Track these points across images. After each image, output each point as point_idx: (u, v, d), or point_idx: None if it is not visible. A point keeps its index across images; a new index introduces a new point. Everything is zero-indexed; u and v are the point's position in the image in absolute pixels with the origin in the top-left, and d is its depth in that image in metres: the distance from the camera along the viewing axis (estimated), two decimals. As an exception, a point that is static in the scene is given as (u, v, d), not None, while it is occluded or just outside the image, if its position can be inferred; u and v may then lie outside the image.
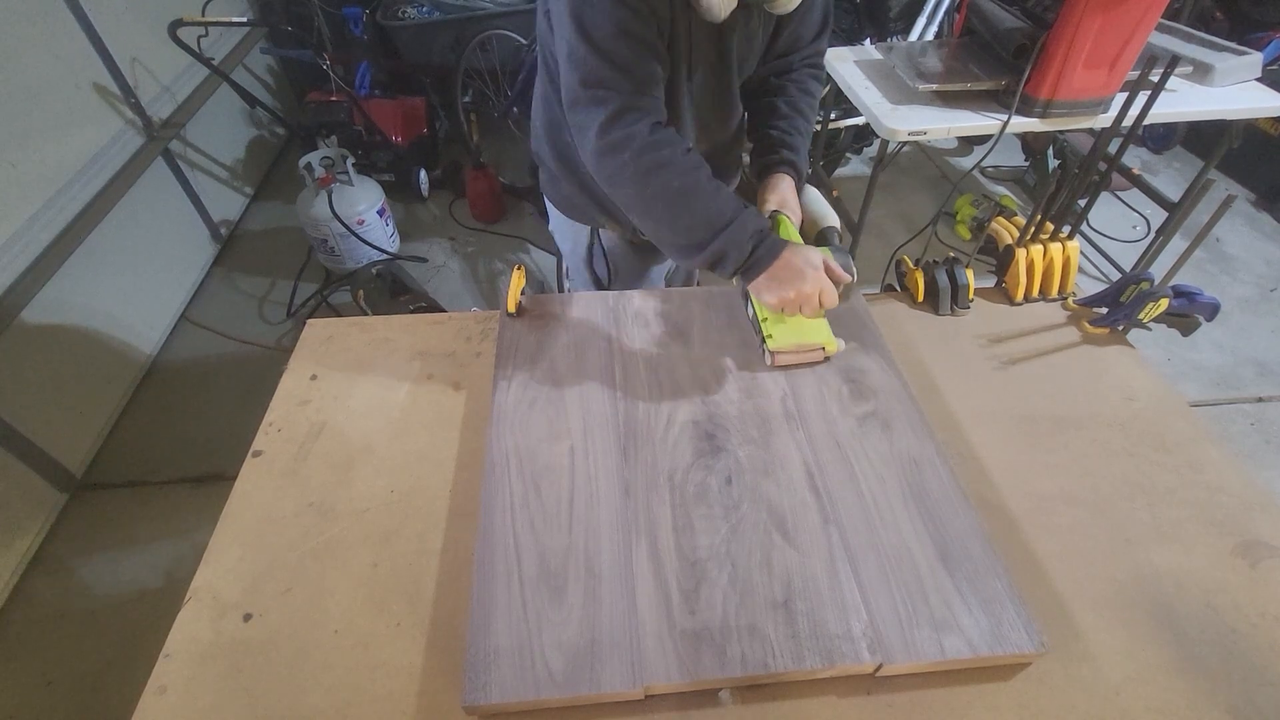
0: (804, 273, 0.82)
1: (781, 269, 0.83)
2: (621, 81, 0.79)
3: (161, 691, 0.62)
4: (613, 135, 0.80)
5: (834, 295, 0.83)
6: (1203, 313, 0.95)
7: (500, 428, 0.81)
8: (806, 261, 0.83)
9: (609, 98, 0.79)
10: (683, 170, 0.81)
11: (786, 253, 0.83)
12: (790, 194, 0.98)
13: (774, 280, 0.83)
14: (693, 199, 0.81)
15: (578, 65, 0.79)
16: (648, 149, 0.79)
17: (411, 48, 2.87)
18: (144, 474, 1.81)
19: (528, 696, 0.58)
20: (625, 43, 0.77)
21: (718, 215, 0.82)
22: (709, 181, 0.83)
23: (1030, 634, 0.62)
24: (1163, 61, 0.88)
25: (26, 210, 1.65)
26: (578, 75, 0.79)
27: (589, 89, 0.79)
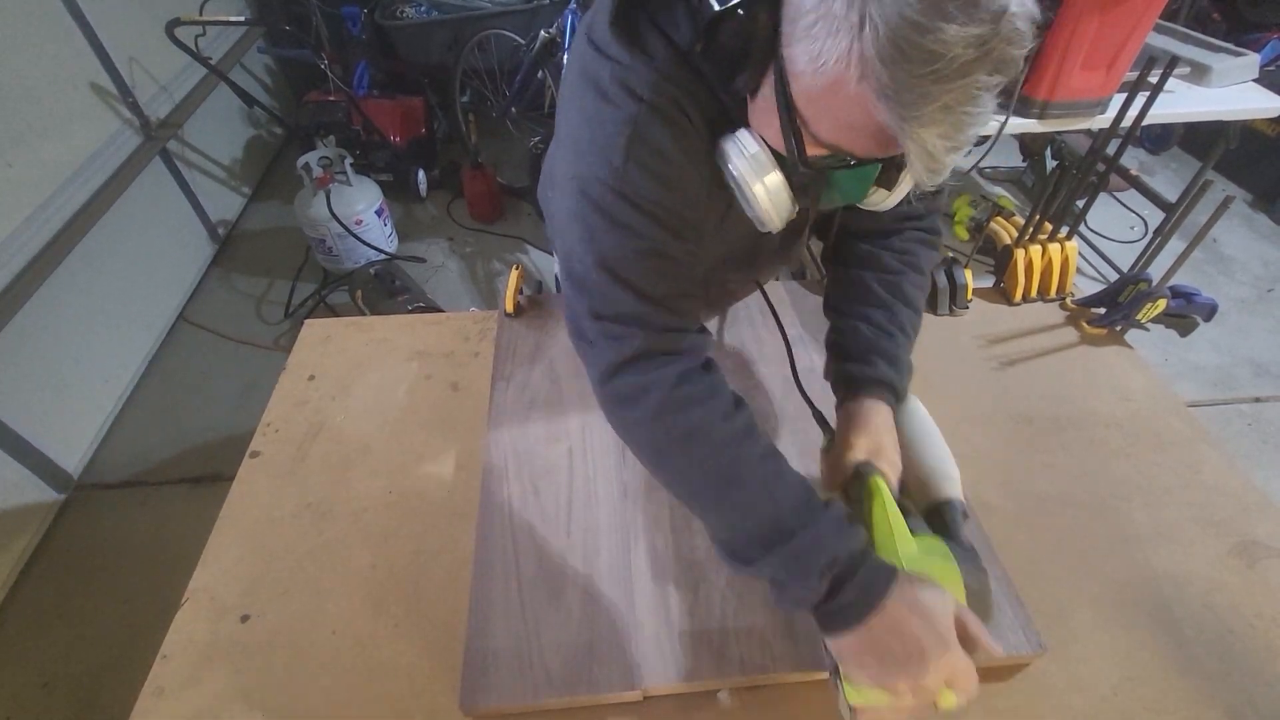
0: (925, 649, 0.49)
1: (884, 633, 0.51)
2: (648, 316, 0.58)
3: (159, 693, 0.62)
4: (624, 382, 0.58)
5: (973, 680, 0.50)
6: (1200, 313, 0.95)
7: (498, 428, 0.81)
8: (928, 625, 0.50)
9: (628, 336, 0.57)
10: (721, 443, 0.56)
11: (894, 603, 0.51)
12: (888, 433, 0.66)
13: (869, 650, 0.51)
14: (734, 490, 0.56)
15: (588, 293, 0.58)
16: (671, 409, 0.56)
17: (410, 47, 2.87)
18: (141, 474, 1.80)
19: (525, 699, 0.58)
20: (653, 266, 0.57)
21: (773, 519, 0.54)
22: (762, 463, 0.56)
23: (1028, 635, 0.62)
24: (1160, 62, 0.88)
25: (23, 210, 1.65)
26: (586, 303, 0.59)
27: (602, 322, 0.58)
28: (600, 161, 0.55)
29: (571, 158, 0.58)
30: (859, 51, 0.40)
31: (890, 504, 0.59)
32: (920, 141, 0.42)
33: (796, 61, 0.45)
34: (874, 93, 0.41)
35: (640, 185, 0.55)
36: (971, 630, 0.51)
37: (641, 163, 0.54)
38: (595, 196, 0.56)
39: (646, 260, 0.57)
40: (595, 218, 0.56)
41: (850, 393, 0.68)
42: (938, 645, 0.49)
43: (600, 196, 0.55)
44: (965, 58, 0.38)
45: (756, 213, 0.57)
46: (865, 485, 0.61)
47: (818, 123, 0.47)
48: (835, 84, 0.43)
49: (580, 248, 0.58)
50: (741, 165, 0.55)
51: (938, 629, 0.50)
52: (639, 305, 0.57)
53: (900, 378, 0.69)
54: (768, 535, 0.53)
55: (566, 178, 0.58)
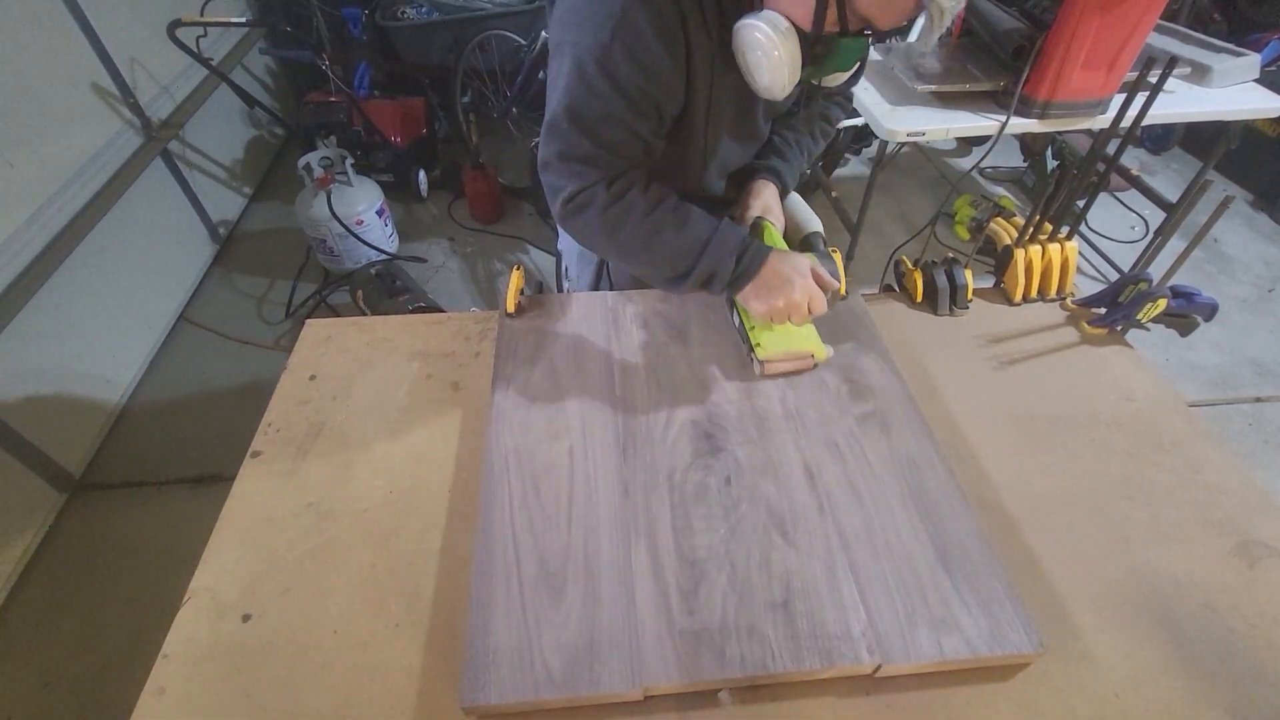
0: (792, 280, 0.81)
1: (769, 277, 0.82)
2: (600, 157, 0.77)
3: (160, 692, 0.62)
4: (576, 201, 0.79)
5: (823, 302, 0.83)
6: (1201, 313, 0.95)
7: (499, 428, 0.81)
8: (794, 269, 0.82)
9: (582, 171, 0.77)
10: (647, 210, 0.79)
11: (773, 260, 0.82)
12: (774, 200, 0.97)
13: (761, 289, 0.82)
14: (664, 233, 0.80)
15: (558, 137, 0.76)
16: (609, 203, 0.78)
17: (410, 48, 2.87)
18: (142, 474, 1.81)
19: (526, 697, 0.58)
20: (613, 128, 0.75)
21: (694, 240, 0.80)
22: (675, 210, 0.81)
23: (1029, 634, 0.62)
24: (1161, 62, 0.88)
25: (25, 211, 1.65)
26: (555, 147, 0.77)
27: (565, 162, 0.78)
28: (591, 35, 0.69)
29: (573, 22, 0.72)
30: None
31: (776, 235, 0.94)
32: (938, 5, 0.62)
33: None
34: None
35: (619, 63, 0.70)
36: (823, 276, 0.84)
37: (625, 43, 0.69)
38: (581, 62, 0.71)
39: (609, 122, 0.74)
40: (577, 80, 0.72)
41: (751, 176, 0.99)
42: (799, 276, 0.82)
43: (585, 64, 0.70)
44: None
45: (774, 78, 0.72)
46: (758, 227, 0.95)
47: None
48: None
49: (562, 99, 0.73)
50: (774, 35, 0.69)
51: (798, 267, 0.83)
52: (596, 151, 0.76)
53: (788, 173, 1.00)
54: (693, 248, 0.80)
55: (561, 40, 0.73)
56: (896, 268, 1.10)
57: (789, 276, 0.81)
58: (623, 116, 0.74)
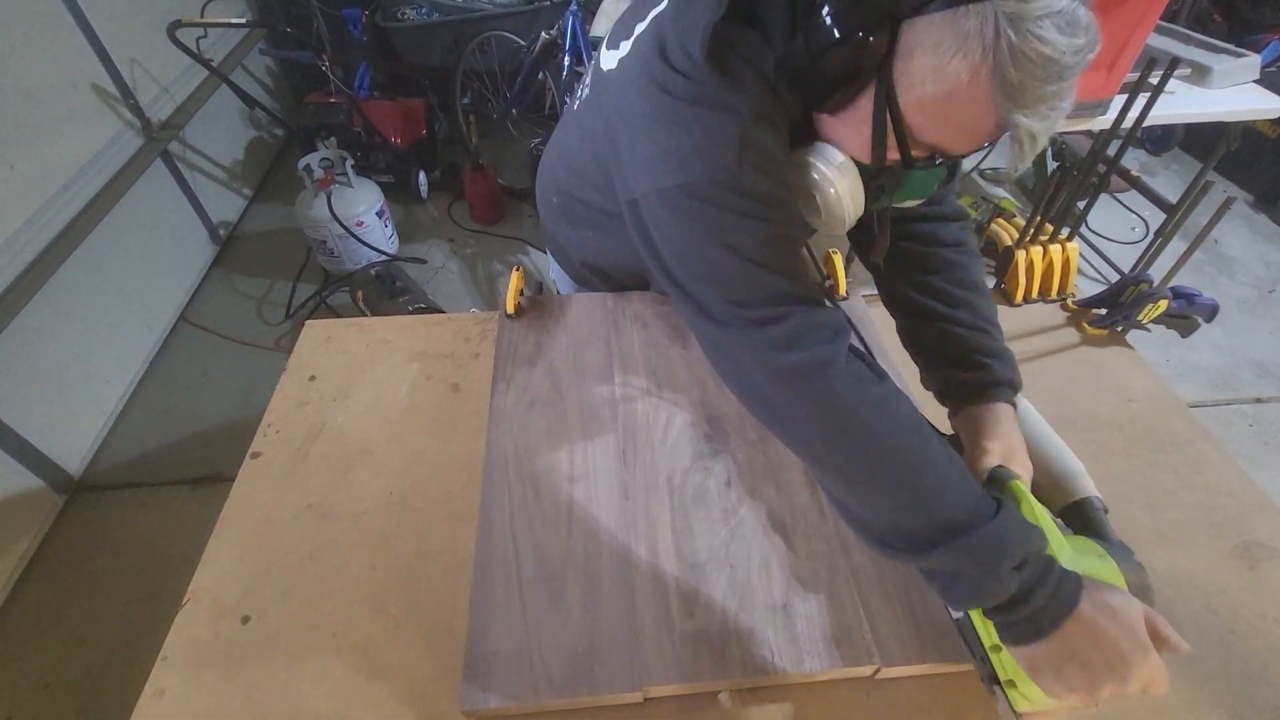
0: (1125, 652, 0.49)
1: (1082, 640, 0.49)
2: (793, 290, 0.59)
3: (159, 694, 0.62)
4: (797, 359, 0.56)
5: (1166, 679, 0.50)
6: (1201, 314, 0.95)
7: (499, 429, 0.81)
8: (1125, 627, 0.50)
9: (785, 315, 0.57)
10: (899, 426, 0.56)
11: (1087, 608, 0.50)
12: (1016, 436, 0.64)
13: (1068, 659, 0.50)
14: (920, 472, 0.54)
15: (721, 285, 0.59)
16: (849, 381, 0.56)
17: (410, 49, 2.87)
18: (142, 476, 1.81)
19: (526, 700, 0.58)
20: (789, 249, 0.61)
21: (956, 509, 0.52)
22: (938, 451, 0.56)
23: (1030, 636, 0.62)
24: (1161, 63, 0.88)
25: (25, 211, 1.65)
26: (721, 295, 0.59)
27: (747, 309, 0.58)
28: (712, 165, 0.57)
29: (671, 167, 0.59)
30: (991, 60, 0.48)
31: (1038, 507, 0.57)
32: (1029, 129, 0.51)
33: (914, 74, 0.52)
34: (1000, 92, 0.49)
35: (757, 182, 0.58)
36: (1162, 630, 0.51)
37: (753, 163, 0.58)
38: (712, 196, 0.57)
39: (777, 242, 0.60)
40: (718, 214, 0.58)
41: (970, 399, 0.68)
42: (1139, 650, 0.49)
43: (717, 195, 0.57)
44: (1071, 62, 0.48)
45: (834, 213, 0.62)
46: (1006, 490, 0.59)
47: (924, 127, 0.54)
48: (962, 89, 0.50)
49: (705, 247, 0.59)
50: (829, 171, 0.61)
51: (1135, 633, 0.50)
52: (783, 283, 0.59)
53: (1016, 374, 0.69)
54: (951, 523, 0.52)
55: (667, 188, 0.59)
56: (897, 269, 1.09)
57: (1123, 649, 0.49)
58: (787, 231, 0.61)
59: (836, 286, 0.99)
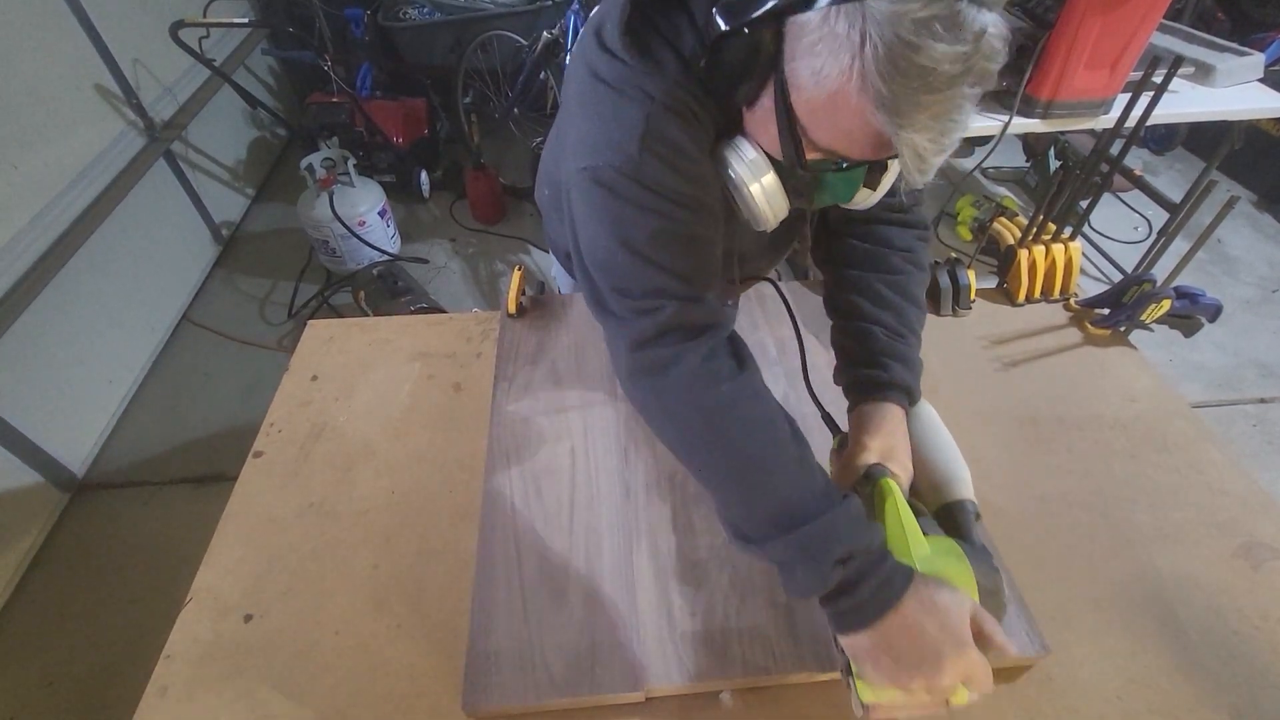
0: (941, 651, 0.49)
1: (900, 633, 0.51)
2: (675, 289, 0.59)
3: (162, 692, 0.62)
4: (655, 353, 0.58)
5: (988, 679, 0.50)
6: (1205, 314, 0.94)
7: (501, 429, 0.81)
8: (944, 626, 0.50)
9: (657, 309, 0.58)
10: (749, 422, 0.57)
11: (910, 603, 0.51)
12: (900, 436, 0.66)
13: (884, 650, 0.51)
14: (758, 468, 0.55)
15: (610, 272, 0.60)
16: (701, 381, 0.57)
17: (412, 49, 2.87)
18: (145, 474, 1.81)
19: (528, 699, 0.58)
20: (678, 244, 0.59)
21: (793, 502, 0.54)
22: (788, 446, 0.56)
23: (1032, 636, 0.62)
24: (1164, 62, 0.88)
25: (29, 211, 1.65)
26: (609, 282, 0.60)
27: (628, 299, 0.59)
28: (615, 153, 0.57)
29: (585, 151, 0.59)
30: (859, 67, 0.44)
31: (903, 505, 0.59)
32: (911, 145, 0.46)
33: (799, 75, 0.49)
34: (872, 103, 0.45)
35: (656, 173, 0.57)
36: (987, 630, 0.52)
37: (656, 153, 0.56)
38: (612, 184, 0.57)
39: (668, 238, 0.59)
40: (615, 203, 0.58)
41: (865, 396, 0.68)
42: (953, 646, 0.50)
43: (617, 184, 0.57)
44: (951, 72, 0.43)
45: (753, 212, 0.61)
46: (877, 487, 0.61)
47: (816, 130, 0.52)
48: (836, 95, 0.47)
49: (601, 233, 0.59)
50: (740, 169, 0.59)
51: (954, 629, 0.50)
52: (665, 280, 0.59)
53: (915, 380, 0.70)
54: (785, 517, 0.53)
55: (578, 169, 0.59)
56: (899, 268, 1.09)
57: (938, 643, 0.50)
58: (680, 227, 0.59)
59: None
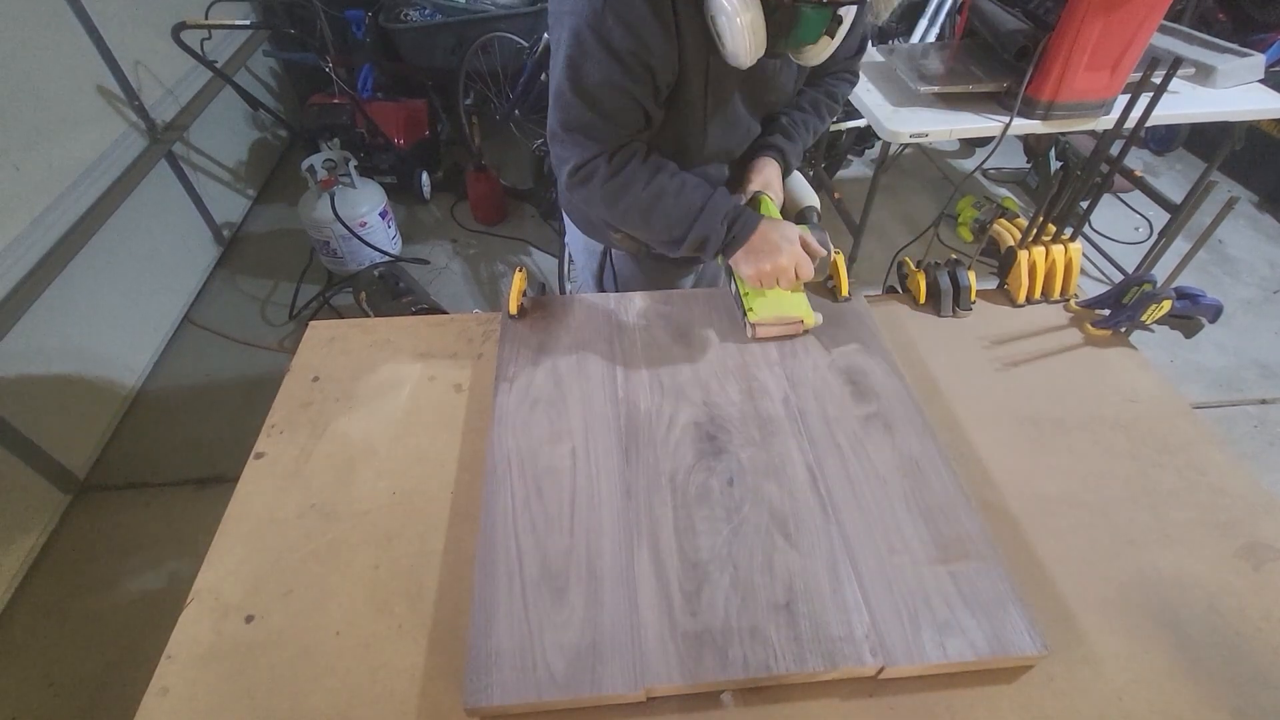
0: (780, 246, 0.87)
1: (758, 242, 0.88)
2: (600, 127, 0.81)
3: (163, 693, 0.62)
4: (581, 173, 0.85)
5: (810, 268, 0.89)
6: (1206, 314, 0.94)
7: (502, 429, 0.81)
8: (783, 236, 0.88)
9: (584, 142, 0.82)
10: (645, 180, 0.85)
11: (763, 227, 0.88)
12: (775, 177, 1.01)
13: (751, 254, 0.88)
14: (661, 202, 0.86)
15: (562, 107, 0.81)
16: (611, 174, 0.84)
17: (413, 50, 2.88)
18: (146, 476, 1.81)
19: (529, 698, 0.58)
20: (611, 95, 0.78)
21: (688, 207, 0.86)
22: (673, 179, 0.86)
23: (1033, 637, 0.62)
24: (1165, 63, 0.88)
25: (31, 212, 1.66)
26: (559, 116, 0.82)
27: (568, 131, 0.82)
28: (586, 4, 0.73)
29: (566, 8, 0.75)
30: None
31: (772, 208, 0.97)
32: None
33: None
34: None
35: (612, 28, 0.73)
36: (810, 243, 0.91)
37: (615, 10, 0.72)
38: (578, 31, 0.74)
39: (608, 89, 0.77)
40: (575, 48, 0.75)
41: (755, 154, 1.02)
42: (787, 242, 0.88)
43: (581, 32, 0.74)
44: None
45: (737, 44, 0.74)
46: (756, 200, 0.98)
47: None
48: None
49: (563, 68, 0.77)
50: (729, 5, 0.72)
51: (787, 235, 0.89)
52: (597, 119, 0.80)
53: (792, 152, 1.02)
54: (688, 214, 0.86)
55: (559, 13, 0.77)
56: (899, 269, 1.09)
57: (777, 243, 0.87)
58: (620, 82, 0.77)
59: (839, 288, 1.00)
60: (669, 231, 0.88)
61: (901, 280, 1.09)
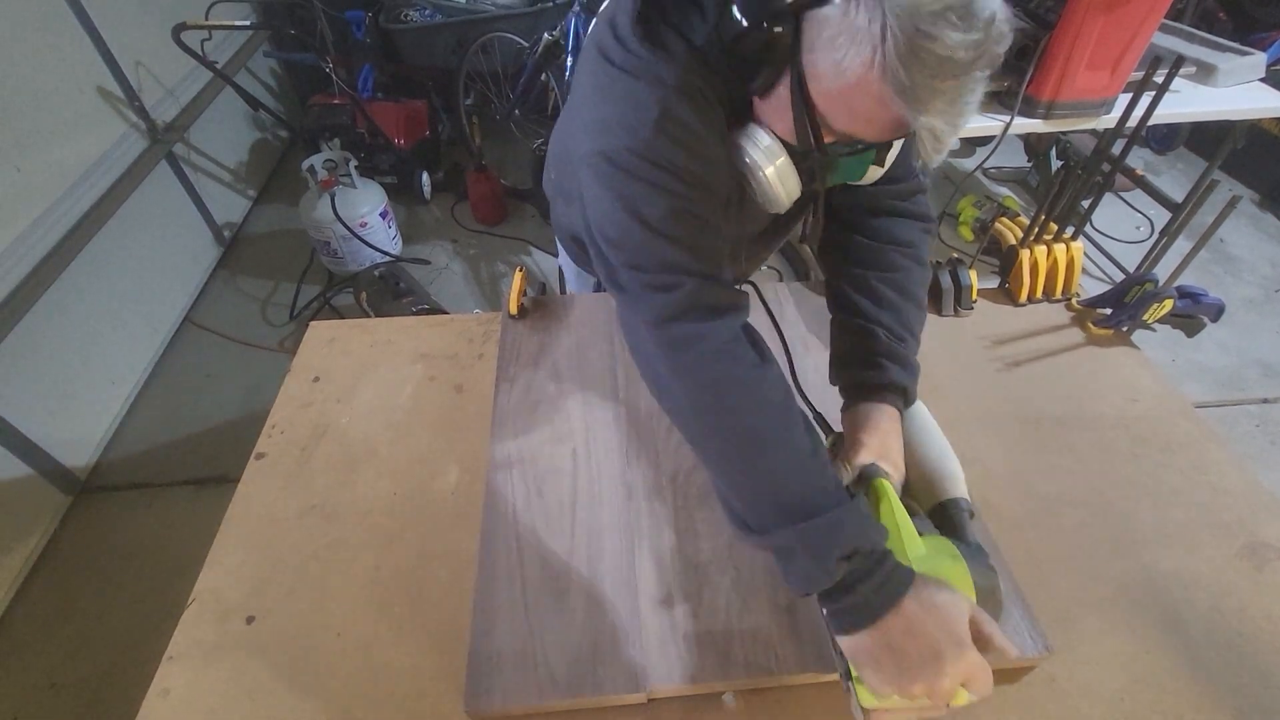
0: (940, 648, 0.49)
1: (900, 634, 0.50)
2: (690, 264, 0.60)
3: (165, 694, 0.62)
4: (681, 329, 0.59)
5: (988, 680, 0.50)
6: (1207, 314, 0.94)
7: (502, 430, 0.81)
8: (944, 624, 0.50)
9: (676, 285, 0.59)
10: (768, 404, 0.58)
11: (910, 603, 0.51)
12: (895, 436, 0.67)
13: (885, 651, 0.51)
14: (771, 452, 0.56)
15: (623, 249, 0.61)
16: (726, 359, 0.58)
17: (413, 51, 2.88)
18: (147, 476, 1.81)
19: (530, 700, 0.58)
20: (691, 221, 0.61)
21: (800, 494, 0.54)
22: (803, 436, 0.57)
23: (1035, 637, 0.62)
24: (1166, 62, 0.88)
25: (31, 213, 1.66)
26: (622, 259, 0.61)
27: (643, 273, 0.61)
28: (629, 135, 0.59)
29: (597, 133, 0.61)
30: (880, 59, 0.48)
31: (897, 505, 0.59)
32: (930, 128, 0.51)
33: (818, 66, 0.52)
34: (893, 90, 0.49)
35: (668, 153, 0.59)
36: (986, 630, 0.52)
37: (669, 134, 0.59)
38: (626, 164, 0.59)
39: (681, 215, 0.60)
40: (629, 182, 0.59)
41: (861, 396, 0.70)
42: (954, 647, 0.49)
43: (631, 164, 0.59)
44: (966, 59, 0.46)
45: (767, 194, 0.66)
46: (871, 487, 0.62)
47: (835, 117, 0.55)
48: (857, 84, 0.51)
49: (614, 211, 0.60)
50: (755, 154, 0.63)
51: (954, 631, 0.50)
52: (681, 255, 0.60)
53: (912, 382, 0.71)
54: (793, 506, 0.53)
55: (592, 153, 0.61)
56: (900, 269, 1.09)
57: (938, 644, 0.49)
58: (691, 205, 0.60)
59: None
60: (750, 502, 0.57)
61: (902, 280, 1.09)
